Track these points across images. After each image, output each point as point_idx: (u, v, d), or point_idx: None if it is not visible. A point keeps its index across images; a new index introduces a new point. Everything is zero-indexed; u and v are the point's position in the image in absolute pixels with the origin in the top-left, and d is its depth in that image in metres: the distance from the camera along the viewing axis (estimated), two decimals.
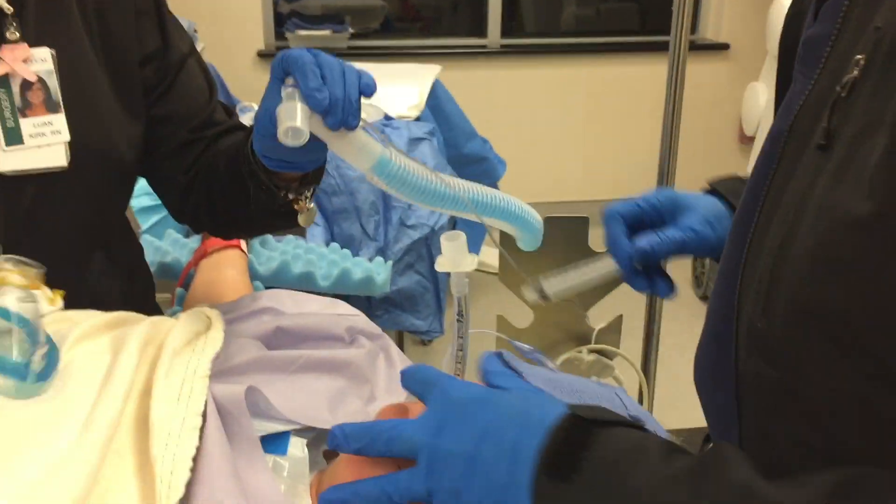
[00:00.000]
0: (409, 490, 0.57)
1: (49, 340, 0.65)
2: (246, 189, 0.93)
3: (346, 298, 1.87)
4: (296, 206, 0.94)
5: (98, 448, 0.56)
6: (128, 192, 1.09)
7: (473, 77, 3.64)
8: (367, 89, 0.71)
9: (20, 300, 0.63)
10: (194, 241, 1.52)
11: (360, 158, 0.69)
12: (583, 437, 0.54)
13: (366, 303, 2.14)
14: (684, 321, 3.05)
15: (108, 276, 1.07)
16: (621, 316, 1.27)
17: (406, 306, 2.15)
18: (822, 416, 0.53)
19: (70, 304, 0.80)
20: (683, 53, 1.41)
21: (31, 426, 0.59)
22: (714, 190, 0.90)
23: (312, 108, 0.67)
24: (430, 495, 0.57)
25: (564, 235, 1.16)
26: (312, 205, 0.96)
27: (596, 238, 1.27)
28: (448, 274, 0.74)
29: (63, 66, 0.91)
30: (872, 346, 0.48)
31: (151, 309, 1.19)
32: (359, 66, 2.73)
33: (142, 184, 1.11)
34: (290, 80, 0.69)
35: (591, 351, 1.24)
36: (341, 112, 0.69)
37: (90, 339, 0.72)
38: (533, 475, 0.53)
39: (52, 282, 0.99)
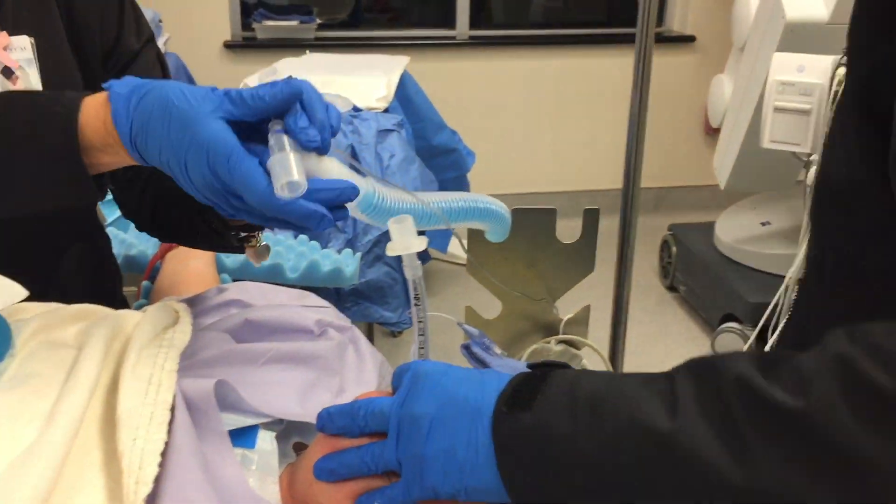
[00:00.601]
0: (381, 458, 0.62)
1: None
2: (194, 222, 0.91)
3: (314, 291, 1.86)
4: (247, 245, 0.93)
5: (61, 443, 0.56)
6: (100, 184, 1.08)
7: (442, 68, 3.63)
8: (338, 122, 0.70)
9: None
10: None
11: None
12: (540, 375, 0.60)
13: (335, 295, 2.14)
14: (651, 311, 3.08)
15: (77, 268, 1.06)
16: (589, 306, 1.28)
17: (375, 298, 2.15)
18: (837, 278, 0.64)
19: (39, 296, 0.79)
20: (649, 45, 1.42)
21: None
22: None
23: (306, 148, 0.65)
24: (399, 464, 0.61)
25: (532, 227, 1.17)
26: (265, 242, 0.94)
27: (563, 229, 1.28)
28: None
29: (41, 55, 0.90)
30: (862, 208, 0.60)
31: (119, 302, 1.18)
32: (327, 56, 2.73)
33: None
34: (276, 125, 0.66)
35: (560, 341, 1.25)
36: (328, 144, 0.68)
37: (53, 330, 0.71)
38: (492, 414, 0.58)
39: (21, 273, 0.97)
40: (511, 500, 0.59)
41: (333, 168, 0.67)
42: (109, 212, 1.63)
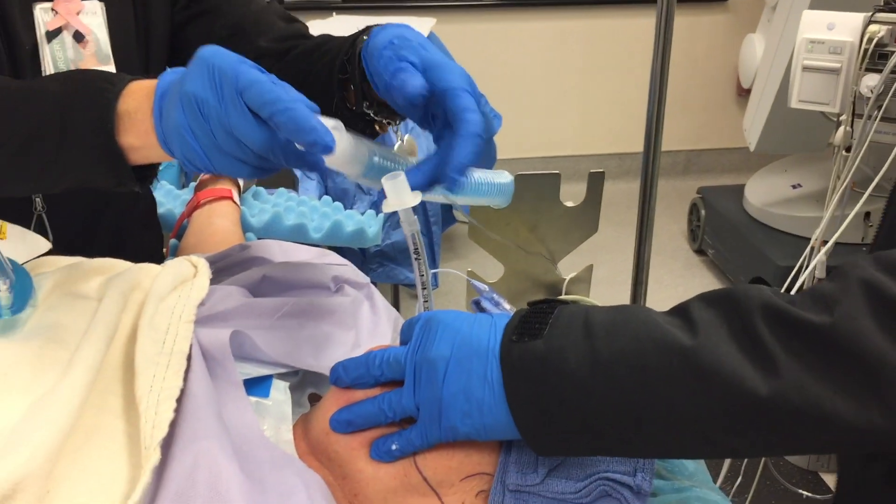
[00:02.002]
0: (399, 405, 0.63)
1: (17, 271, 0.66)
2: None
3: (339, 251, 1.88)
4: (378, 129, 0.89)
5: (79, 388, 0.58)
6: (144, 175, 1.14)
7: (468, 30, 3.61)
8: None
9: None
10: (187, 193, 1.53)
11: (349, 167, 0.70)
12: (547, 308, 0.60)
13: (360, 256, 2.16)
14: (679, 274, 3.07)
15: (126, 224, 1.13)
16: (591, 266, 1.27)
17: (400, 260, 2.17)
18: None
19: (90, 251, 0.81)
20: (671, 3, 1.41)
21: (13, 368, 0.60)
22: None
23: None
24: (418, 409, 0.62)
25: (536, 192, 1.17)
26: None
27: (567, 193, 1.28)
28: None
29: (110, 19, 0.93)
30: None
31: (160, 258, 1.23)
32: (353, 19, 2.74)
33: None
34: None
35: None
36: None
37: (75, 282, 0.73)
38: (500, 344, 0.59)
39: (75, 227, 1.03)
40: (519, 430, 0.59)
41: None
42: None
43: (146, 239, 1.21)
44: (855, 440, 0.50)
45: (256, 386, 0.71)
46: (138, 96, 0.68)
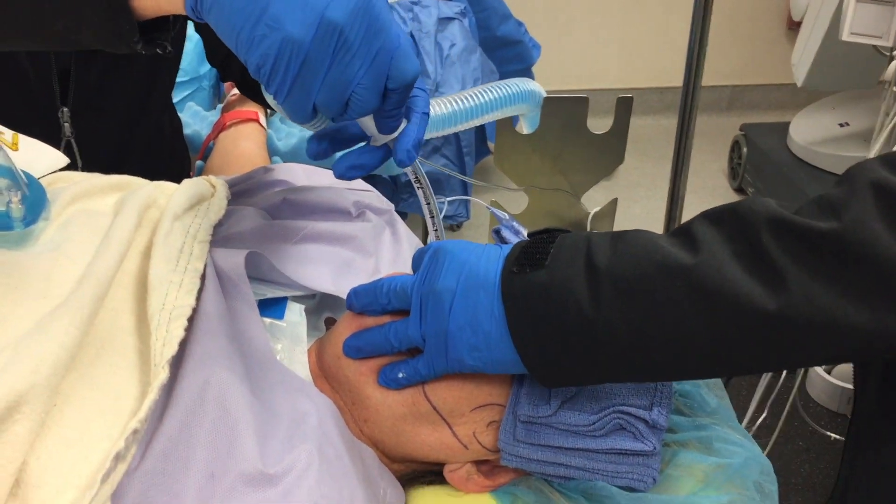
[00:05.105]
0: (405, 334, 0.62)
1: (31, 184, 0.65)
2: None
3: (372, 180, 1.86)
4: None
5: (89, 302, 0.57)
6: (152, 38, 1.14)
7: None
8: None
9: None
10: (214, 115, 1.51)
11: None
12: (548, 238, 0.60)
13: (391, 185, 2.14)
14: None
15: (155, 149, 1.13)
16: (616, 199, 1.23)
17: (432, 189, 2.14)
18: None
19: (120, 171, 0.80)
20: None
21: (24, 281, 0.59)
22: None
23: None
24: (423, 340, 0.61)
25: (563, 116, 1.12)
26: None
27: (594, 121, 1.23)
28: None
29: None
30: None
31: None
32: None
33: None
34: None
35: None
36: None
37: (91, 198, 0.72)
38: (500, 275, 0.58)
39: (105, 153, 1.04)
40: (524, 363, 0.58)
41: None
42: None
43: (174, 163, 1.20)
44: (867, 348, 0.49)
45: (271, 307, 0.71)
46: None
